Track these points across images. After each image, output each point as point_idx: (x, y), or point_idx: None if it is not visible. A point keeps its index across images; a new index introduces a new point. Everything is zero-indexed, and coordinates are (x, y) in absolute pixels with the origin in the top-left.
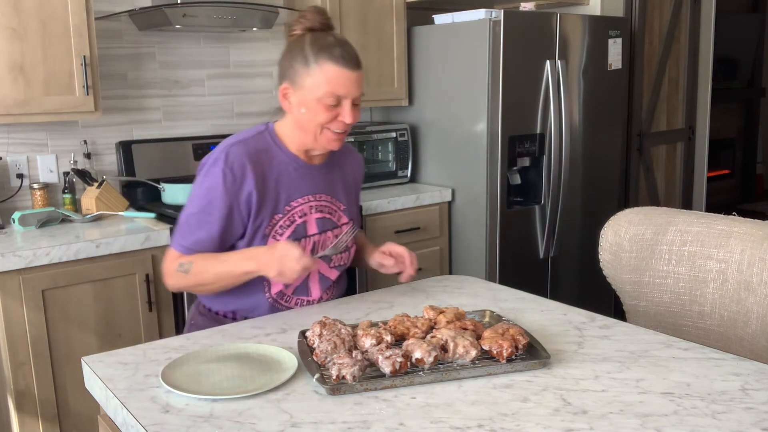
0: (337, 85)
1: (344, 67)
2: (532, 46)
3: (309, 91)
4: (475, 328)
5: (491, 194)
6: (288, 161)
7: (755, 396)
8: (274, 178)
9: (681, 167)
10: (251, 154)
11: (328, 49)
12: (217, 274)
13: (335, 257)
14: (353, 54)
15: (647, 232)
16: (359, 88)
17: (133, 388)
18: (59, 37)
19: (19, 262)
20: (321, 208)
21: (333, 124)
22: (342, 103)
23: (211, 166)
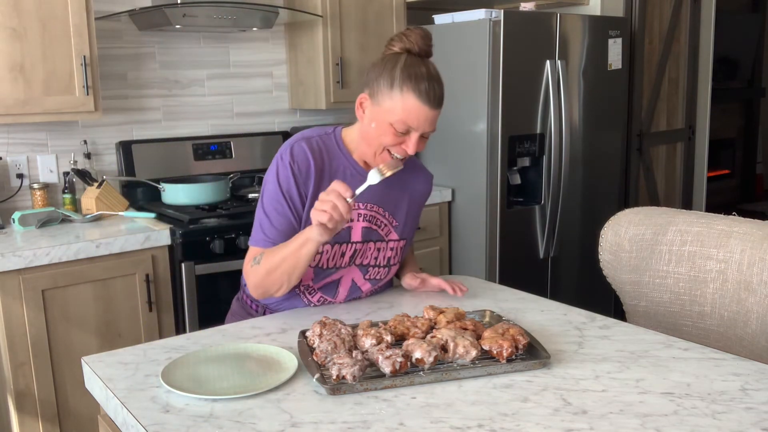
0: (412, 117)
1: (425, 103)
2: (532, 46)
3: (384, 111)
4: (475, 328)
5: (491, 194)
6: (347, 165)
7: (755, 396)
8: (330, 178)
9: (681, 167)
10: (314, 150)
11: (417, 80)
12: (282, 256)
13: (372, 270)
14: (438, 92)
15: (647, 232)
16: (432, 125)
17: (133, 388)
18: (59, 37)
19: (19, 262)
20: (369, 218)
21: (395, 149)
22: (410, 133)
23: (279, 161)
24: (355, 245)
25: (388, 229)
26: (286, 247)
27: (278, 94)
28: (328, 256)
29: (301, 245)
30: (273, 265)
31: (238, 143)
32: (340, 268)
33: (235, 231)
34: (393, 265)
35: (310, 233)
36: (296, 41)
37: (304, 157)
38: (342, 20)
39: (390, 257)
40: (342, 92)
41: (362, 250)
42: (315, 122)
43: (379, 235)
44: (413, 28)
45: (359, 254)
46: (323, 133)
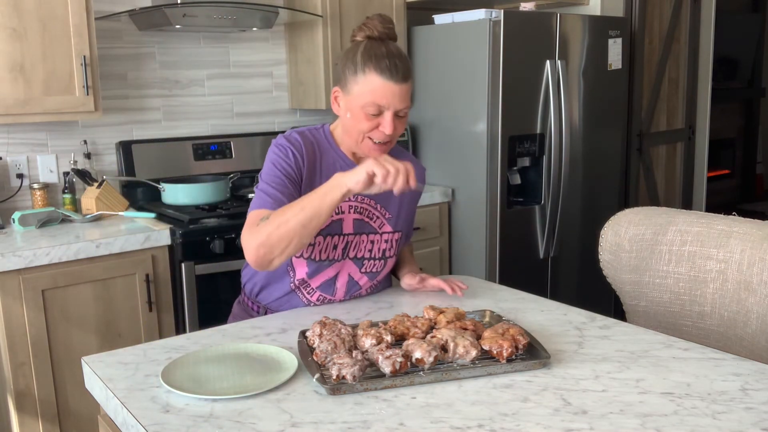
0: (379, 95)
1: (389, 79)
2: (532, 46)
3: (354, 98)
4: (475, 328)
5: (491, 194)
6: (337, 158)
7: (755, 396)
8: (320, 169)
9: (681, 167)
10: (307, 141)
11: (377, 59)
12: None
13: (367, 263)
14: (401, 67)
15: (647, 232)
16: (403, 101)
17: (133, 388)
18: (59, 37)
19: (19, 262)
20: (360, 209)
21: (373, 133)
22: (383, 113)
23: (275, 146)
24: (347, 237)
25: (381, 221)
26: (305, 197)
27: (278, 94)
28: (320, 248)
29: (327, 192)
30: (288, 216)
31: (238, 143)
32: (334, 261)
33: (235, 231)
34: (389, 258)
35: (343, 178)
36: (296, 41)
37: (299, 144)
38: (342, 20)
39: (385, 249)
40: None
41: (355, 242)
42: (315, 122)
43: (372, 228)
44: (373, 16)
45: (352, 246)
46: (313, 129)
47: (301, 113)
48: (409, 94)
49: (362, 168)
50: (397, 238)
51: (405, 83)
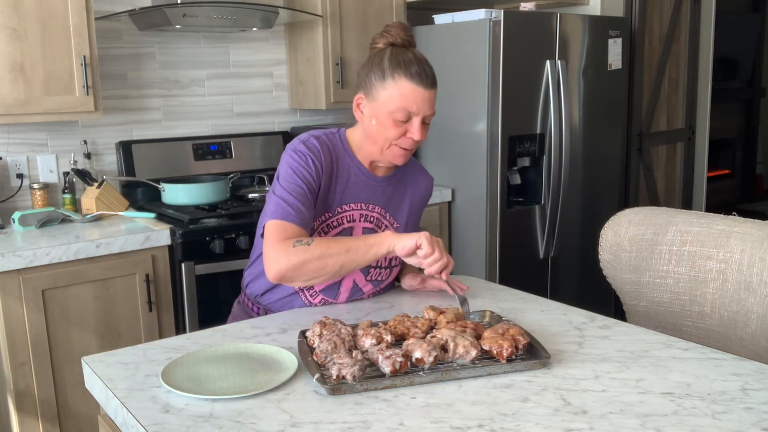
0: (410, 101)
1: (419, 84)
2: (532, 46)
3: (382, 104)
4: (475, 327)
5: (491, 194)
6: (351, 165)
7: (755, 396)
8: (335, 176)
9: (681, 167)
10: (324, 146)
11: (406, 65)
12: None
13: (373, 271)
14: (429, 73)
15: (647, 232)
16: (431, 107)
17: (133, 388)
18: (59, 37)
19: (19, 262)
20: (370, 219)
21: (401, 140)
22: (412, 119)
23: (293, 151)
24: None
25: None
26: (351, 240)
27: (278, 94)
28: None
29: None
30: (331, 252)
31: (238, 143)
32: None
33: (235, 231)
34: (395, 267)
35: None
36: (296, 41)
37: (316, 149)
38: (342, 20)
39: (391, 258)
40: (342, 92)
41: None
42: (315, 122)
43: None
44: (392, 24)
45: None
46: (329, 133)
47: (301, 113)
48: (434, 100)
49: (414, 237)
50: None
51: (433, 89)
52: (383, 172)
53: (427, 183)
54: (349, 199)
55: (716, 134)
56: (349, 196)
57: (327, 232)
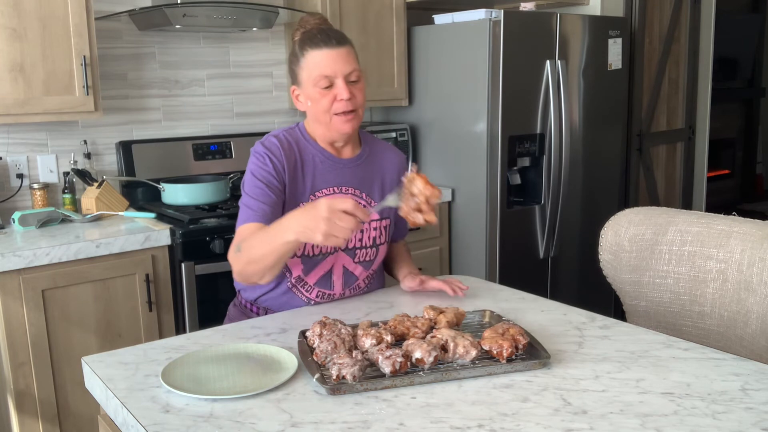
0: (322, 66)
1: (324, 47)
2: (532, 46)
3: (305, 83)
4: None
5: (491, 194)
6: (315, 153)
7: (755, 396)
8: (301, 167)
9: (681, 167)
10: (283, 142)
11: (310, 38)
12: (262, 247)
13: (359, 252)
14: (334, 34)
15: (647, 232)
16: (348, 63)
17: (133, 388)
18: (59, 37)
19: (19, 262)
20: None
21: (335, 105)
22: (335, 83)
23: (253, 153)
24: None
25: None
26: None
27: (278, 94)
28: (311, 244)
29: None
30: (254, 256)
31: (238, 143)
32: (327, 254)
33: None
34: (380, 245)
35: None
36: None
37: (276, 148)
38: (342, 20)
39: (375, 237)
40: None
41: None
42: None
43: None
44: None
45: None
46: (289, 128)
47: (301, 113)
48: (352, 58)
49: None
50: (385, 225)
51: (342, 47)
52: (349, 153)
53: (397, 158)
54: (320, 185)
55: (716, 134)
56: (319, 182)
57: None
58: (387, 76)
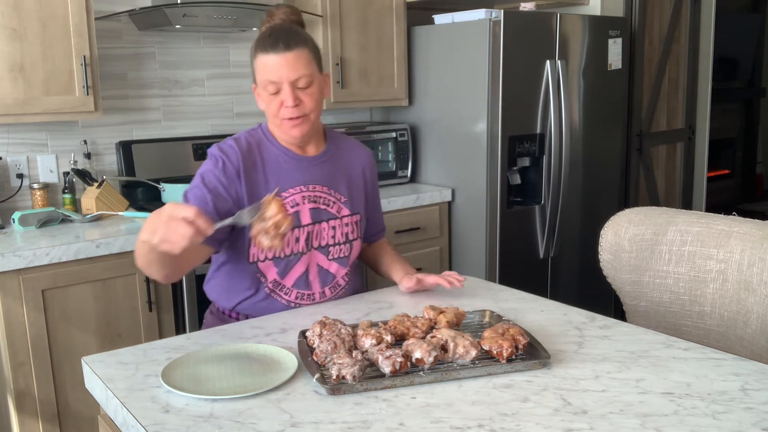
0: (268, 71)
1: (271, 52)
2: (532, 46)
3: (258, 85)
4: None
5: (491, 194)
6: (278, 153)
7: (755, 396)
8: (263, 170)
9: (681, 167)
10: (242, 146)
11: (261, 40)
12: (138, 246)
13: (333, 249)
14: (283, 37)
15: (647, 232)
16: (294, 69)
17: (133, 388)
18: (59, 37)
19: (19, 262)
20: (314, 198)
21: (282, 111)
22: (282, 88)
23: (208, 157)
24: (306, 228)
25: (338, 206)
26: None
27: None
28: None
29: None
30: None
31: None
32: (300, 254)
33: None
34: (353, 240)
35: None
36: None
37: (232, 152)
38: (342, 20)
39: (348, 233)
40: (342, 92)
41: (316, 231)
42: None
43: (330, 214)
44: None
45: (314, 236)
46: (250, 130)
47: None
48: (301, 62)
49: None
50: (356, 221)
51: (289, 51)
52: (314, 150)
53: (363, 154)
54: (286, 185)
55: (716, 134)
56: (285, 182)
57: None
58: (387, 76)
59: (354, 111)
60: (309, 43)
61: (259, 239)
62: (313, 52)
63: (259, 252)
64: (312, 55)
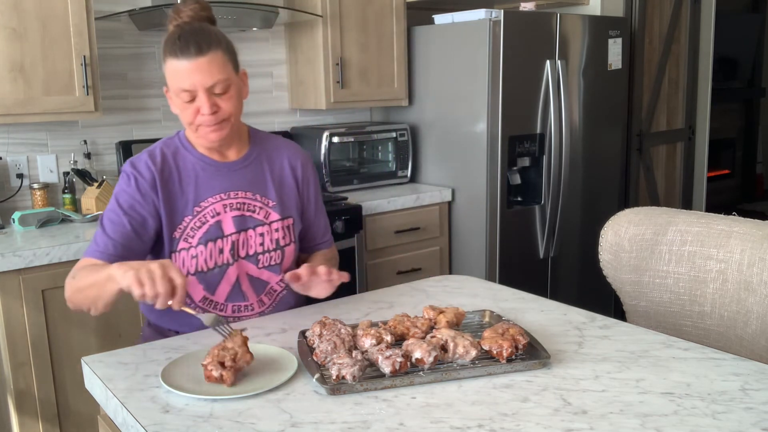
0: (180, 78)
1: (182, 57)
2: (532, 46)
3: (170, 90)
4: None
5: (491, 194)
6: (195, 161)
7: (755, 396)
8: (179, 180)
9: (681, 167)
10: (155, 158)
11: (170, 44)
12: (88, 281)
13: (263, 257)
14: (193, 40)
15: (647, 232)
16: (209, 75)
17: (133, 388)
18: (59, 37)
19: (19, 262)
20: (238, 205)
21: (198, 118)
22: (197, 95)
23: (121, 175)
24: (230, 237)
25: (266, 212)
26: (94, 273)
27: (278, 94)
28: (205, 256)
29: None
30: (82, 286)
31: None
32: (225, 266)
33: None
34: (285, 246)
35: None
36: (296, 41)
37: (144, 166)
38: (342, 20)
39: (278, 239)
40: (342, 92)
41: (242, 240)
42: (315, 122)
43: (257, 220)
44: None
45: (240, 245)
46: (166, 139)
47: (301, 113)
48: (216, 66)
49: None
50: (288, 225)
51: (202, 56)
52: (235, 154)
53: (292, 154)
54: (204, 195)
55: (716, 134)
56: (203, 192)
57: (193, 237)
58: (387, 76)
59: (354, 111)
60: (222, 43)
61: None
62: (227, 52)
63: (181, 267)
64: (227, 56)
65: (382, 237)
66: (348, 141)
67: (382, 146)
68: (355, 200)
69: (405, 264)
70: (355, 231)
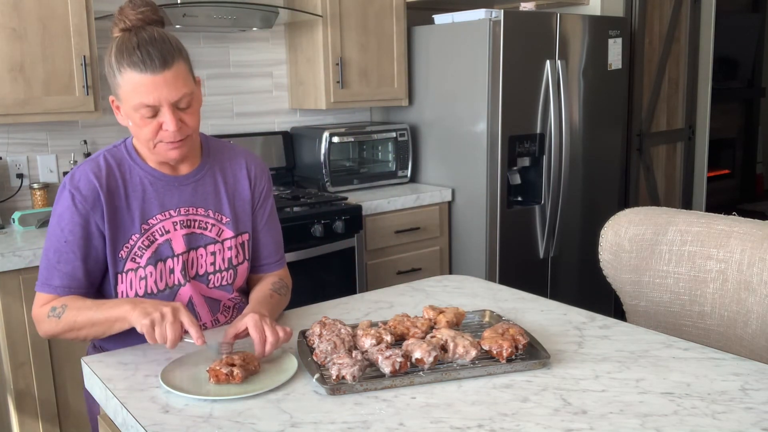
0: (143, 93)
1: (145, 71)
2: (532, 46)
3: (125, 103)
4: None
5: (491, 194)
6: (143, 175)
7: (755, 396)
8: (125, 196)
9: (681, 167)
10: (98, 171)
11: (129, 54)
12: (92, 320)
13: (213, 277)
14: (155, 53)
15: (647, 232)
16: (175, 89)
17: (133, 388)
18: (59, 37)
19: (19, 262)
20: (188, 222)
21: (160, 134)
22: (160, 110)
23: (60, 192)
24: (181, 257)
25: (219, 228)
26: (99, 309)
27: (278, 94)
28: (154, 278)
29: (117, 320)
30: (79, 325)
31: (238, 143)
32: (176, 287)
33: None
34: (238, 265)
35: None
36: (296, 41)
37: (86, 181)
38: (342, 20)
39: (230, 257)
40: (342, 92)
41: (192, 260)
42: (315, 122)
43: (209, 238)
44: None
45: (190, 265)
46: (111, 148)
47: (301, 113)
48: (180, 80)
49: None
50: (242, 242)
51: (167, 69)
52: (187, 168)
53: (250, 164)
54: (153, 212)
55: (716, 134)
56: (151, 208)
57: (141, 256)
58: (387, 76)
59: (354, 111)
60: (183, 51)
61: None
62: (187, 61)
63: (128, 289)
64: (187, 66)
65: (382, 237)
66: (348, 141)
67: (382, 146)
68: (355, 200)
69: (405, 264)
70: (355, 231)
